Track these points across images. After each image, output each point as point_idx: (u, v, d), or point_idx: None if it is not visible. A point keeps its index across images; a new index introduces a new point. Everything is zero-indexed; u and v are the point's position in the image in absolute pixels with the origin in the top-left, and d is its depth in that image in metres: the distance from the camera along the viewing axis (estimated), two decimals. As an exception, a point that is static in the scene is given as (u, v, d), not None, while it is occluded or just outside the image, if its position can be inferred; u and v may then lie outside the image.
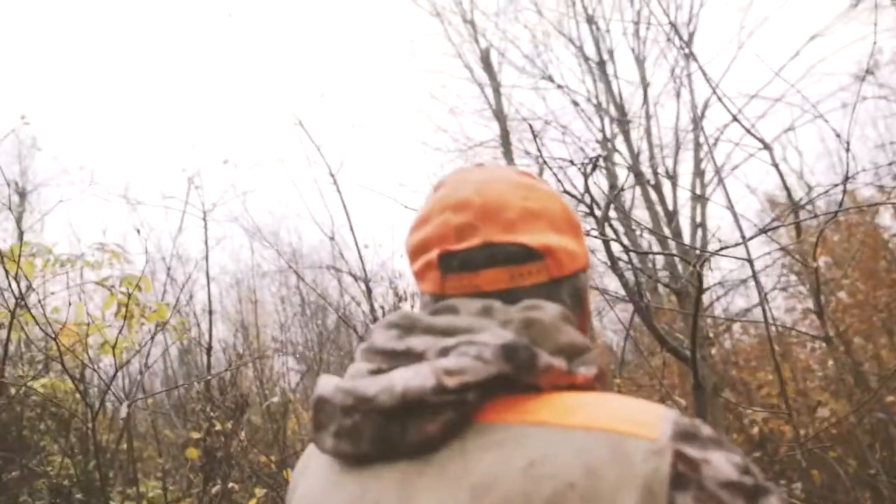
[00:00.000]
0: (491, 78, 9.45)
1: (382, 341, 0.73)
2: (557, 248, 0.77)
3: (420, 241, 0.82)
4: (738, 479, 0.59)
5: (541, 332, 0.70)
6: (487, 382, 0.65)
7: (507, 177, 0.82)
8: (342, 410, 0.68)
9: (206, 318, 5.36)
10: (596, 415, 0.64)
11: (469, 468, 0.63)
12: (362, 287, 4.64)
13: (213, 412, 3.99)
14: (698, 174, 8.17)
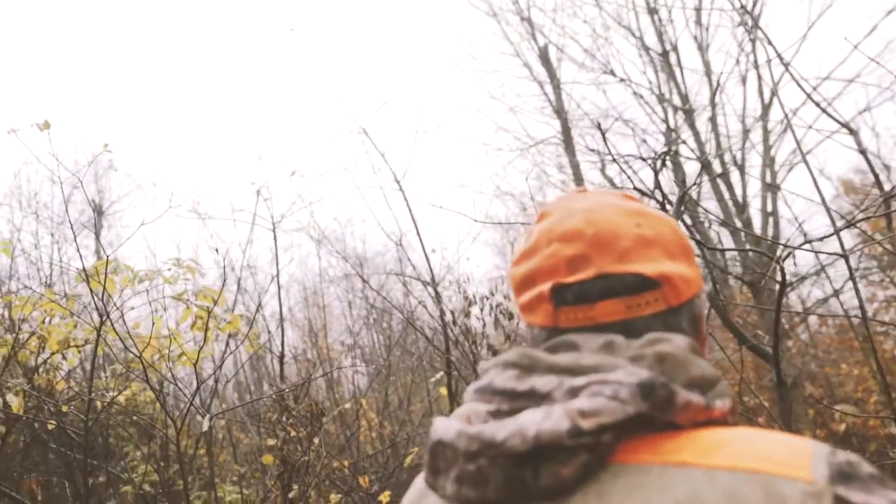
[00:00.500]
0: (550, 75, 9.36)
1: (501, 381, 0.71)
2: (673, 275, 0.75)
3: (527, 274, 0.79)
4: None
5: (674, 367, 0.67)
6: (624, 423, 0.62)
7: (615, 203, 0.80)
8: (465, 456, 0.65)
9: (276, 325, 5.45)
10: (742, 453, 0.60)
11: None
12: (430, 291, 4.64)
13: (289, 420, 4.05)
14: (768, 163, 7.91)
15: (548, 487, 0.62)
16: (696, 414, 0.65)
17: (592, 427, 0.61)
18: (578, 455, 0.61)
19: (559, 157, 9.25)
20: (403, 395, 7.02)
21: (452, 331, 4.36)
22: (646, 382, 0.63)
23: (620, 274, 0.73)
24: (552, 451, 0.62)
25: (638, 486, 0.60)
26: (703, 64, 7.93)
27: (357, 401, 5.29)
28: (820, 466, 0.58)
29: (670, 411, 0.64)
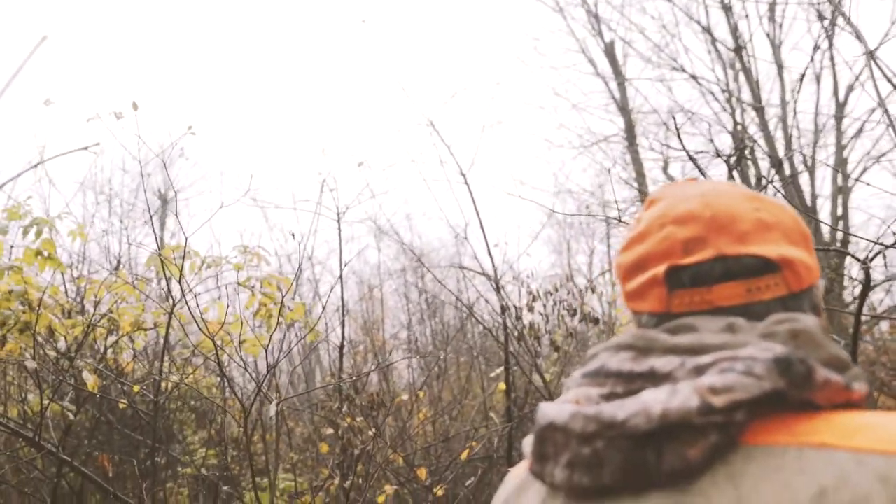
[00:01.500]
0: (615, 71, 9.25)
1: (616, 364, 0.67)
2: (795, 259, 0.71)
3: (638, 259, 0.76)
4: None
5: (809, 344, 0.63)
6: (758, 400, 0.58)
7: (732, 189, 0.77)
8: (580, 438, 0.62)
9: (337, 317, 5.49)
10: (889, 436, 0.56)
11: (743, 497, 0.55)
12: (492, 285, 4.61)
13: (349, 410, 4.08)
14: (840, 164, 7.65)
15: (672, 471, 0.58)
16: (834, 393, 0.61)
17: (725, 404, 0.57)
18: (707, 435, 0.57)
19: (623, 154, 9.13)
20: (458, 390, 7.00)
21: (515, 325, 4.32)
22: (782, 357, 0.59)
23: (740, 256, 0.70)
24: (678, 431, 0.57)
25: (774, 469, 0.56)
26: (776, 62, 7.71)
27: (413, 392, 5.29)
28: None
29: (808, 389, 0.59)
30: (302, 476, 5.47)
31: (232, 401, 5.23)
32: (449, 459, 5.14)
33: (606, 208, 4.59)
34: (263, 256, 4.07)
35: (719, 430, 0.57)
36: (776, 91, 7.85)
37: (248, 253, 4.09)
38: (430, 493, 4.25)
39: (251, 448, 4.62)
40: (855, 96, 7.77)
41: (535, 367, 4.26)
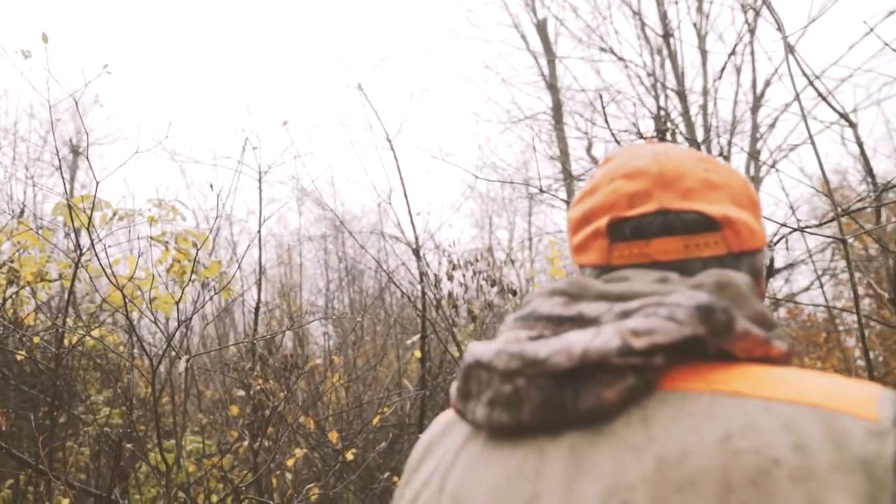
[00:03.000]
0: (546, 49, 9.30)
1: (547, 308, 0.67)
2: (737, 220, 0.71)
3: (585, 212, 0.76)
4: None
5: (736, 297, 0.64)
6: (678, 346, 0.58)
7: (685, 151, 0.77)
8: (503, 375, 0.62)
9: (254, 278, 5.38)
10: (801, 388, 0.57)
11: (653, 438, 0.56)
12: (412, 253, 4.60)
13: (262, 371, 4.02)
14: (754, 155, 7.96)
15: (588, 410, 0.58)
16: (753, 346, 0.62)
17: (644, 346, 0.57)
18: (625, 377, 0.58)
19: (549, 132, 9.22)
20: (373, 356, 7.01)
21: (434, 294, 4.33)
22: (704, 304, 0.59)
23: (682, 211, 0.70)
24: (597, 371, 0.58)
25: (686, 413, 0.57)
26: (701, 51, 7.92)
27: (328, 358, 5.27)
28: (886, 408, 0.55)
29: (728, 338, 0.60)
30: (211, 438, 5.37)
31: (140, 361, 5.08)
32: (361, 425, 5.15)
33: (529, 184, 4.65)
34: (179, 211, 3.93)
35: (637, 373, 0.58)
36: (699, 79, 8.09)
37: (164, 207, 3.94)
38: (340, 457, 4.24)
39: (158, 408, 4.51)
40: (771, 90, 8.09)
41: (451, 337, 4.29)
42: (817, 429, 0.53)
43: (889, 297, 3.08)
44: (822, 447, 0.52)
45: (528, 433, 0.62)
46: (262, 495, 4.26)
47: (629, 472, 0.55)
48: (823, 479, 0.50)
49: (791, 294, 10.46)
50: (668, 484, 0.53)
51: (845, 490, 0.50)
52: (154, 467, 3.54)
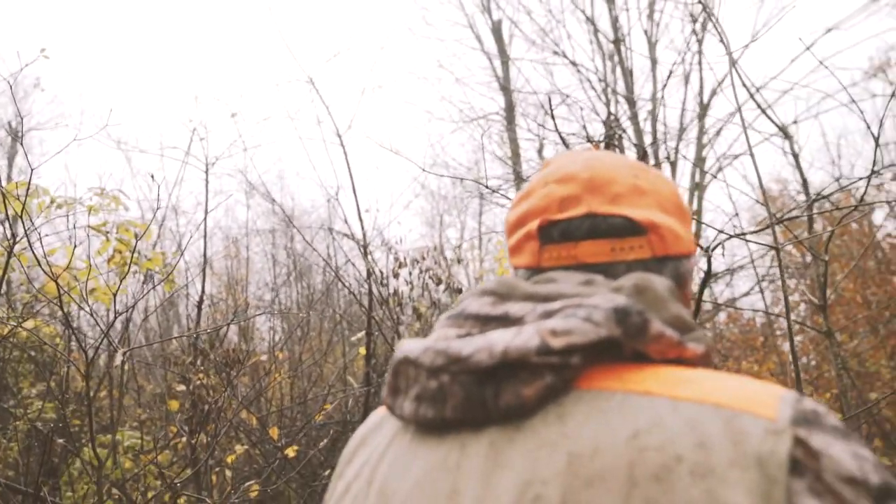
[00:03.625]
0: (500, 50, 9.34)
1: (476, 307, 0.69)
2: (662, 225, 0.74)
3: (520, 215, 0.79)
4: (862, 476, 0.54)
5: (653, 301, 0.66)
6: (594, 346, 0.61)
7: (618, 158, 0.80)
8: (429, 372, 0.64)
9: (198, 271, 5.29)
10: (708, 389, 0.59)
11: (567, 435, 0.58)
12: (360, 249, 4.58)
13: (203, 366, 3.95)
14: (699, 161, 8.14)
15: (508, 407, 0.60)
16: (667, 348, 0.64)
17: (562, 346, 0.60)
18: (543, 376, 0.60)
19: (501, 133, 9.27)
20: (319, 353, 6.95)
21: (379, 291, 4.32)
22: (621, 307, 0.62)
23: (609, 215, 0.73)
24: (517, 370, 0.60)
25: (599, 411, 0.59)
26: (651, 58, 8.06)
27: (273, 353, 5.20)
28: (786, 408, 0.57)
29: (642, 340, 0.63)
30: (151, 434, 5.26)
31: (78, 353, 4.94)
32: (304, 421, 5.11)
33: (479, 182, 4.65)
34: (121, 200, 3.84)
35: (555, 372, 0.60)
36: (649, 85, 8.23)
37: (105, 196, 3.84)
38: (281, 454, 4.20)
39: (93, 402, 4.39)
40: (718, 99, 8.29)
41: (396, 335, 4.28)
42: (718, 427, 0.55)
43: (818, 304, 3.19)
44: (721, 445, 0.54)
45: (451, 428, 0.64)
46: (200, 492, 4.19)
47: (543, 466, 0.57)
48: (721, 475, 0.52)
49: (732, 299, 10.74)
50: (578, 478, 0.55)
51: (741, 485, 0.52)
52: (88, 463, 3.44)
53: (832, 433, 0.56)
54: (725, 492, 0.52)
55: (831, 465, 0.54)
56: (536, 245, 0.75)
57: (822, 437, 0.56)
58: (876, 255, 8.86)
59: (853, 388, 6.87)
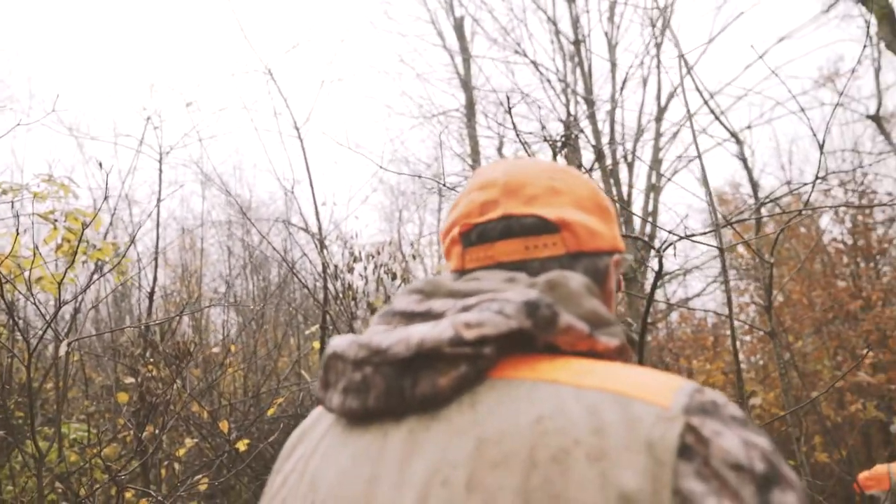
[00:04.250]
0: (462, 47, 9.34)
1: (403, 305, 0.73)
2: (575, 222, 0.78)
3: (448, 223, 0.84)
4: (748, 463, 0.56)
5: (565, 296, 0.69)
6: (506, 337, 0.64)
7: (537, 163, 0.83)
8: (353, 364, 0.67)
9: (150, 262, 5.20)
10: (611, 379, 0.62)
11: (478, 421, 0.61)
12: (315, 243, 4.55)
13: (153, 358, 3.88)
14: (656, 163, 8.27)
15: (424, 396, 0.63)
16: (577, 339, 0.67)
17: (474, 337, 0.63)
18: (458, 366, 0.63)
19: (461, 129, 9.29)
20: (273, 346, 6.89)
21: (333, 285, 4.30)
22: (531, 301, 0.65)
23: (523, 216, 0.77)
24: (433, 360, 0.63)
25: (508, 399, 0.62)
26: (610, 60, 8.16)
27: (225, 346, 5.14)
28: (681, 398, 0.60)
29: (551, 331, 0.66)
30: (98, 427, 5.15)
31: (23, 343, 4.82)
32: (256, 415, 5.06)
33: (437, 180, 4.67)
34: (71, 188, 3.75)
35: (469, 363, 0.63)
36: (608, 87, 8.33)
37: (53, 182, 3.75)
38: (232, 448, 4.16)
39: (37, 393, 4.28)
40: (675, 102, 8.43)
41: (351, 329, 4.27)
42: (615, 414, 0.58)
43: (764, 305, 3.27)
44: (616, 430, 0.57)
45: (375, 418, 0.67)
46: (148, 486, 4.12)
47: (453, 452, 0.60)
48: (614, 458, 0.55)
49: (685, 299, 10.93)
50: (485, 461, 0.58)
51: (631, 468, 0.55)
52: (31, 455, 3.36)
53: (726, 422, 0.59)
54: (617, 473, 0.54)
55: (719, 451, 0.56)
56: (460, 249, 0.80)
57: (714, 425, 0.58)
58: (822, 259, 9.11)
59: (796, 386, 7.06)
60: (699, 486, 0.54)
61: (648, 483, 0.54)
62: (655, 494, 0.54)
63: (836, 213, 9.13)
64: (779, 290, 4.31)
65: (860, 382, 7.42)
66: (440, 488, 0.58)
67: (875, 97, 9.45)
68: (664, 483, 0.54)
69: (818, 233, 9.09)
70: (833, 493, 6.99)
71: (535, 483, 0.55)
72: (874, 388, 7.58)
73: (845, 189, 8.53)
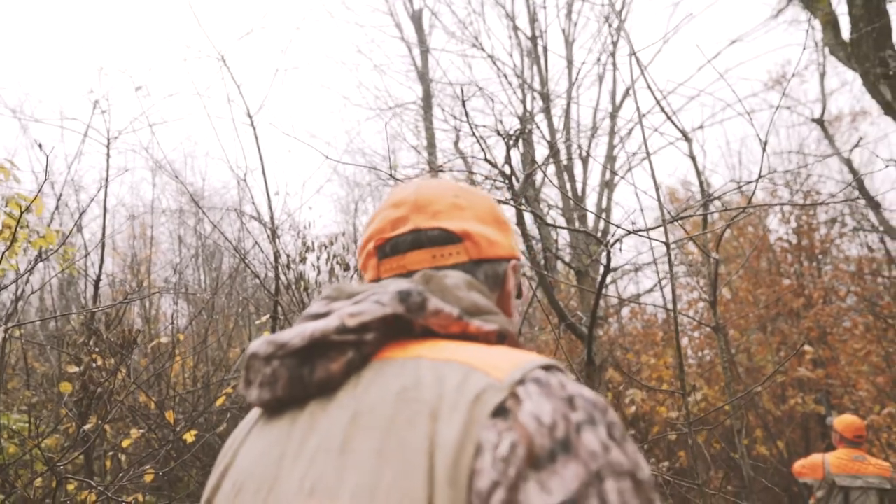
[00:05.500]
0: (420, 40, 9.32)
1: (314, 309, 0.81)
2: (476, 233, 0.88)
3: (365, 238, 0.93)
4: (551, 423, 0.61)
5: (440, 288, 0.79)
6: (385, 323, 0.74)
7: (445, 184, 0.94)
8: (264, 360, 0.76)
9: (97, 249, 5.09)
10: (468, 354, 0.70)
11: (357, 397, 0.70)
12: (268, 233, 4.51)
13: (97, 347, 3.80)
14: (610, 160, 8.37)
15: (320, 381, 0.73)
16: (447, 322, 0.77)
17: (355, 325, 0.73)
18: (346, 352, 0.73)
19: (417, 123, 9.27)
20: (224, 337, 6.80)
21: (285, 275, 4.27)
22: (403, 290, 0.76)
23: (430, 229, 0.87)
24: (326, 349, 0.73)
25: (383, 375, 0.71)
26: (567, 57, 8.22)
27: (174, 336, 5.06)
28: (517, 373, 0.67)
29: (422, 315, 0.76)
30: (39, 418, 5.02)
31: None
32: (205, 405, 4.99)
33: (391, 173, 4.65)
34: (11, 172, 3.65)
35: (355, 348, 0.73)
36: (565, 83, 8.40)
37: (-8, 165, 3.63)
38: (178, 438, 4.10)
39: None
40: (630, 101, 8.54)
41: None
42: (456, 381, 0.66)
43: (709, 301, 3.36)
44: (452, 394, 0.65)
45: (285, 407, 0.76)
46: (92, 477, 4.04)
47: (335, 425, 0.69)
48: (445, 417, 0.64)
49: (636, 294, 11.11)
50: (356, 429, 0.67)
51: (455, 424, 0.63)
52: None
53: (553, 395, 0.65)
54: (443, 428, 0.63)
55: (531, 408, 0.63)
56: (376, 261, 0.90)
57: (538, 394, 0.65)
58: (768, 257, 9.34)
59: (739, 380, 7.25)
60: (494, 437, 0.61)
61: (462, 436, 0.62)
62: (463, 445, 0.61)
63: (783, 214, 9.39)
64: (725, 285, 4.43)
65: (801, 377, 7.65)
66: (323, 455, 0.67)
67: (820, 101, 9.74)
68: (472, 437, 0.61)
69: (765, 232, 9.33)
70: (773, 484, 7.20)
71: (392, 442, 0.64)
72: (813, 383, 7.82)
73: (791, 190, 8.76)
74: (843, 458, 4.63)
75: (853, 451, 4.68)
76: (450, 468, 0.60)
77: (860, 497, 4.49)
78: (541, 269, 3.70)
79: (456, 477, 0.60)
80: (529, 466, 0.59)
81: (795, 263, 9.21)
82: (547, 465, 0.59)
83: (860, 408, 7.42)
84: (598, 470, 0.59)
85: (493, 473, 0.59)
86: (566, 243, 8.07)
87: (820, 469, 4.68)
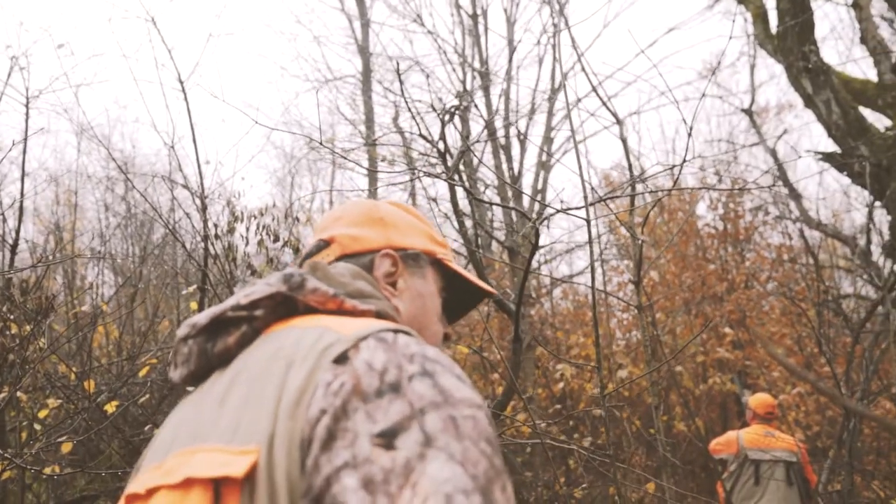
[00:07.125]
0: (361, 12, 9.18)
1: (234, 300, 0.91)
2: (339, 235, 1.08)
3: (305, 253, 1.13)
4: (382, 368, 0.70)
5: (325, 276, 0.94)
6: (272, 300, 0.87)
7: (351, 203, 1.15)
8: (182, 341, 0.89)
9: (14, 213, 4.89)
10: (332, 321, 0.81)
11: (243, 360, 0.82)
12: (197, 203, 4.41)
13: (12, 313, 3.67)
14: (547, 141, 8.46)
15: (219, 353, 0.86)
16: (324, 299, 0.89)
17: (247, 302, 0.86)
18: (240, 326, 0.86)
19: (356, 96, 9.17)
20: (151, 306, 6.65)
21: (214, 246, 4.19)
22: (288, 273, 0.90)
23: (316, 241, 1.10)
24: (226, 325, 0.87)
25: (266, 343, 0.82)
26: (508, 37, 8.25)
27: (97, 306, 4.92)
28: (365, 331, 0.76)
29: (302, 293, 0.88)
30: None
31: None
32: (128, 376, 4.88)
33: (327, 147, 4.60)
34: (-80, 127, 3.46)
35: (248, 323, 0.86)
36: (505, 63, 8.43)
37: None
38: (93, 405, 4.01)
39: None
40: (570, 83, 8.62)
41: (230, 291, 4.18)
42: (313, 339, 0.77)
43: (634, 281, 3.45)
44: (307, 349, 0.75)
45: (199, 380, 0.88)
46: (5, 449, 3.91)
47: (222, 384, 0.80)
48: (297, 365, 0.73)
49: (569, 275, 11.30)
50: (235, 385, 0.78)
51: (302, 371, 0.72)
52: None
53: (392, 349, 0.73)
54: (294, 375, 0.72)
55: (364, 358, 0.71)
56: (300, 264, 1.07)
57: (377, 347, 0.73)
58: (695, 242, 9.64)
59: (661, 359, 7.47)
60: (330, 377, 0.70)
61: (304, 380, 0.71)
62: (305, 387, 0.70)
63: (711, 201, 9.68)
64: (652, 268, 4.57)
65: (721, 358, 7.95)
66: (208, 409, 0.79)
67: (750, 92, 10.04)
68: (313, 380, 0.70)
69: (693, 217, 9.60)
70: (691, 461, 7.49)
71: (255, 391, 0.74)
72: (732, 364, 8.14)
73: (720, 177, 9.04)
74: (755, 434, 4.86)
75: (765, 426, 4.92)
76: (291, 405, 0.69)
77: (769, 469, 4.73)
78: (472, 245, 3.74)
79: (296, 413, 0.69)
80: (356, 398, 0.67)
81: (721, 249, 9.53)
82: (374, 399, 0.67)
83: (773, 388, 7.77)
84: (423, 407, 0.66)
85: (322, 403, 0.68)
86: (501, 223, 8.15)
87: (734, 444, 4.90)
